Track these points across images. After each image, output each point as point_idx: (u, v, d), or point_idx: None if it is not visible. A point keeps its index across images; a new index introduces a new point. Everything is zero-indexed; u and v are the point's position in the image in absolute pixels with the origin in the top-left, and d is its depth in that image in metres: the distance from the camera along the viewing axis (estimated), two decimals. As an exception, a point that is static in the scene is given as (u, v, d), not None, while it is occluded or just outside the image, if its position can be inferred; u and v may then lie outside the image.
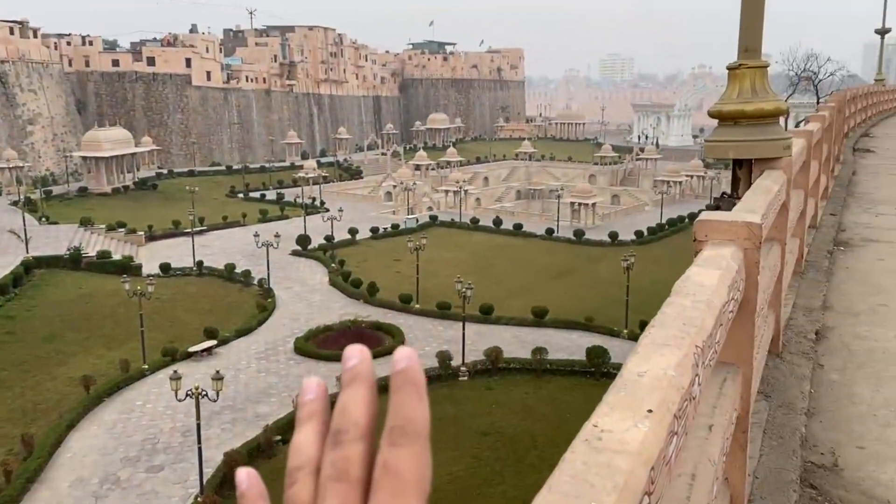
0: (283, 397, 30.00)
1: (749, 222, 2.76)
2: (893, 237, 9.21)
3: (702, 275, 2.38)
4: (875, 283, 7.26)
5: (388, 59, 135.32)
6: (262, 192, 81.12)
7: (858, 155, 17.12)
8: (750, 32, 4.99)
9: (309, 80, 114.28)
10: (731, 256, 2.66)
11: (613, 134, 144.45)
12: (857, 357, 5.47)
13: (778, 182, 4.51)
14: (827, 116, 9.72)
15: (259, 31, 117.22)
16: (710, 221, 2.81)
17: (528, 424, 27.80)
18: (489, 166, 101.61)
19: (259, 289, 44.76)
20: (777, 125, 4.92)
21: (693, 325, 1.91)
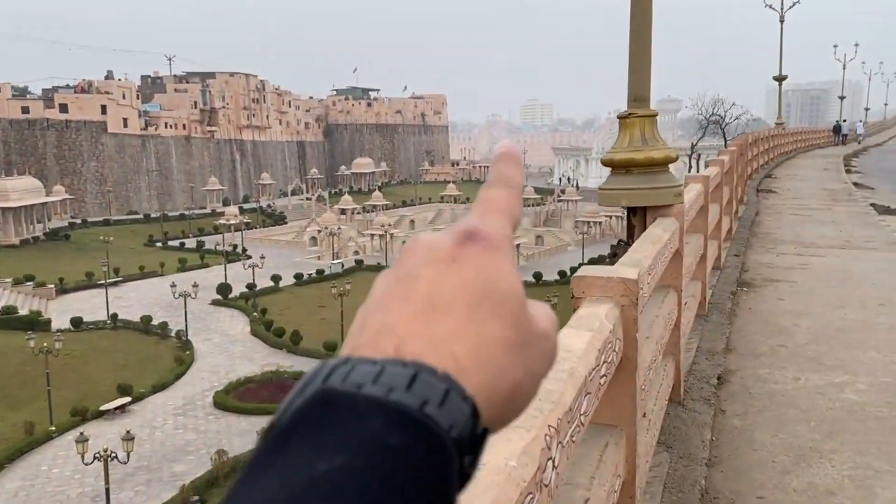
0: (200, 455, 28.69)
1: (624, 278, 2.67)
2: (793, 276, 9.48)
3: (571, 338, 2.26)
4: (776, 324, 7.39)
5: (313, 104, 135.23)
6: (182, 240, 79.02)
7: (762, 195, 17.81)
8: (638, 82, 5.04)
9: (231, 127, 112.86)
10: (605, 315, 2.55)
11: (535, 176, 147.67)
12: (758, 401, 5.48)
13: (669, 229, 4.50)
14: (726, 161, 10.03)
15: (178, 77, 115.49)
16: (585, 278, 2.70)
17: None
18: (415, 209, 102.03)
19: (177, 341, 43.16)
20: (667, 173, 4.95)
21: (549, 401, 1.76)
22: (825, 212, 15.62)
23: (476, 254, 0.43)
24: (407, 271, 0.44)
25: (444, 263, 0.43)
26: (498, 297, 0.43)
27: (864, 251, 11.29)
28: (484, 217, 0.47)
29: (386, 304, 0.43)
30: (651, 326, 3.97)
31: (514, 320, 0.43)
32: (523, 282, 0.40)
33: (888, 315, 7.69)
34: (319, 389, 0.37)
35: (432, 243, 0.45)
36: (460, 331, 0.41)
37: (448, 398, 0.38)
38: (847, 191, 19.87)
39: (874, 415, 5.16)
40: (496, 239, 0.45)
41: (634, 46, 5.07)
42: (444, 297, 0.42)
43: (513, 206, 0.49)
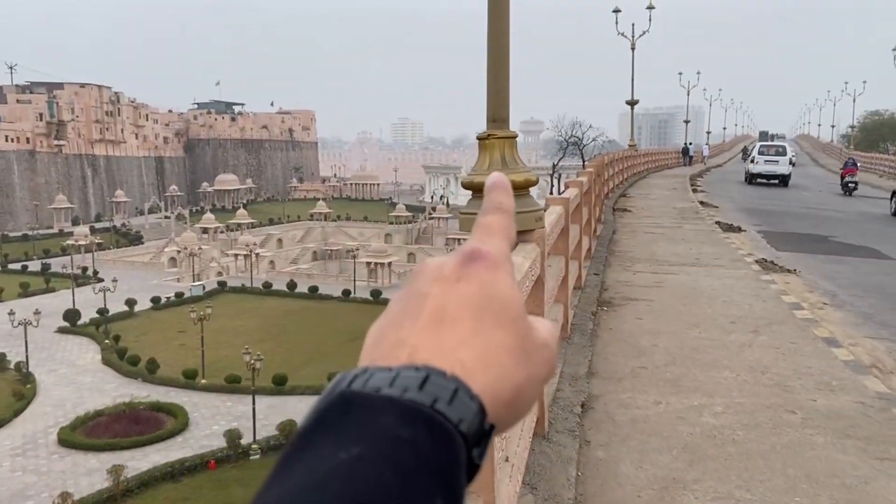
0: (42, 499, 26.13)
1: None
2: (650, 295, 9.69)
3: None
4: (635, 345, 7.44)
5: (172, 118, 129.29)
6: (25, 262, 72.76)
7: (618, 214, 18.44)
8: (497, 103, 4.83)
9: (81, 141, 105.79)
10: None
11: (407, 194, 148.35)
12: (622, 428, 5.39)
13: (530, 256, 4.29)
14: (585, 182, 10.15)
15: (21, 87, 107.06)
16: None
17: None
18: (283, 227, 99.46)
19: (16, 373, 39.39)
20: (528, 197, 4.76)
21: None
22: (676, 230, 16.35)
23: (478, 271, 0.48)
24: (416, 290, 0.49)
25: (449, 281, 0.48)
26: (500, 308, 0.47)
27: (713, 268, 11.80)
28: (483, 239, 0.52)
29: (399, 321, 0.47)
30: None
31: (515, 329, 0.47)
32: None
33: (738, 333, 7.94)
34: (339, 392, 0.42)
35: (438, 265, 0.50)
36: (466, 339, 0.45)
37: (456, 396, 0.42)
38: (694, 209, 21.02)
39: (731, 438, 5.18)
40: (496, 257, 0.50)
41: (492, 67, 4.86)
42: (450, 311, 0.46)
43: (508, 228, 0.54)
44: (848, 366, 6.91)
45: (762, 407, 5.81)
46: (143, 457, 29.44)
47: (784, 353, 7.23)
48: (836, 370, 6.77)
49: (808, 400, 5.98)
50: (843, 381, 6.46)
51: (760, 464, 4.79)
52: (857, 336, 8.23)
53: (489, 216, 0.54)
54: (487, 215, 0.55)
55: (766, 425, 5.44)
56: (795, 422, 5.51)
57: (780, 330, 8.12)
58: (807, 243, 16.34)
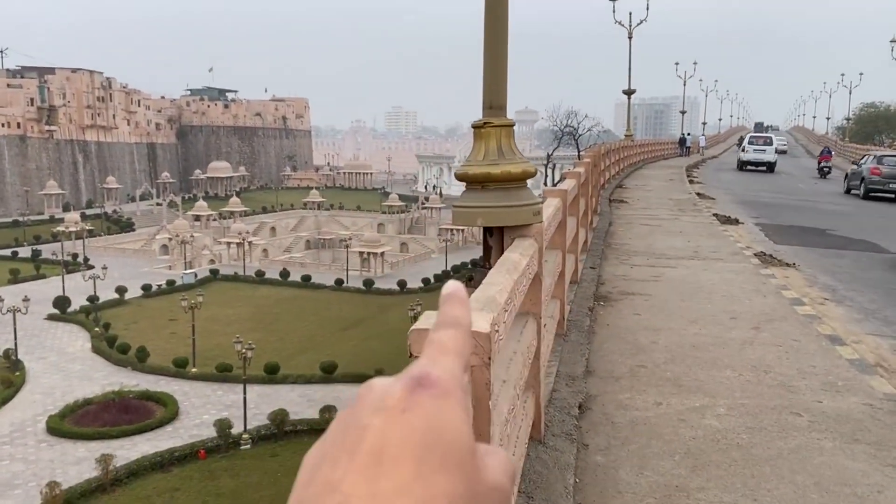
0: (29, 488, 25.87)
1: (475, 332, 2.11)
2: (648, 289, 9.47)
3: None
4: (633, 342, 7.21)
5: (164, 104, 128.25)
6: (15, 248, 72.16)
7: (614, 206, 18.21)
8: (494, 89, 4.57)
9: (73, 126, 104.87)
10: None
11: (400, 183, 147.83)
12: (621, 431, 5.16)
13: (527, 253, 4.04)
14: (582, 172, 9.90)
15: (12, 71, 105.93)
16: (424, 332, 2.11)
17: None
18: (276, 216, 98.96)
19: (5, 361, 39.02)
20: (525, 189, 4.50)
21: None
22: (674, 222, 16.13)
23: (425, 401, 0.44)
24: (357, 420, 0.44)
25: (393, 413, 0.43)
26: (446, 447, 0.42)
27: (712, 262, 11.59)
28: (434, 360, 0.47)
29: (334, 457, 0.43)
30: (508, 367, 3.47)
31: (462, 473, 0.42)
32: (388, 290, 0.45)
33: (740, 329, 7.73)
34: None
35: (383, 389, 0.45)
36: (405, 487, 0.40)
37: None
38: (692, 201, 20.81)
39: (736, 443, 4.96)
40: (446, 384, 0.45)
41: (489, 50, 4.59)
42: (390, 450, 0.42)
43: (463, 346, 0.49)
44: (853, 365, 6.70)
45: (766, 408, 5.59)
46: (133, 446, 29.19)
47: (787, 352, 7.01)
48: (841, 369, 6.56)
49: (813, 401, 5.77)
50: (849, 382, 6.25)
51: (767, 470, 4.57)
52: (860, 333, 8.02)
53: (443, 332, 0.50)
54: (441, 331, 0.50)
55: (772, 428, 5.23)
56: (802, 425, 5.30)
57: (781, 326, 7.91)
58: (805, 236, 16.16)
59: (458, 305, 0.52)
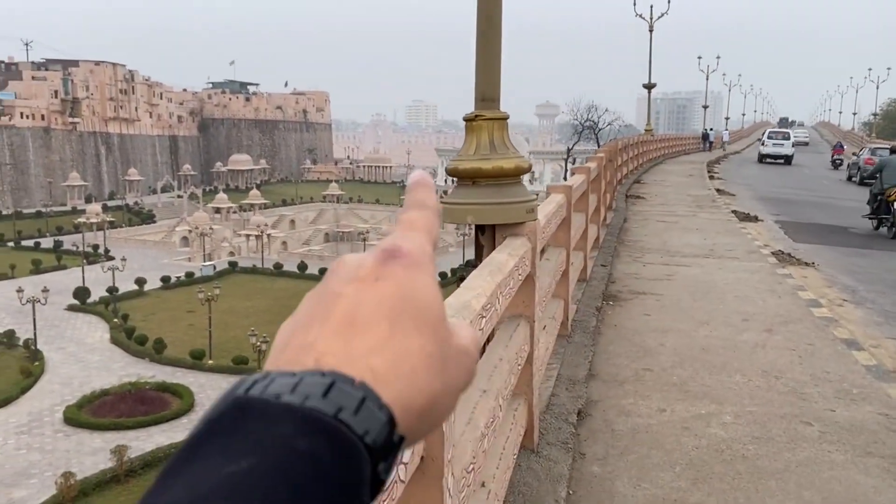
0: (45, 477, 26.07)
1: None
2: (659, 289, 9.19)
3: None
4: (641, 344, 6.96)
5: (186, 97, 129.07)
6: (38, 239, 72.99)
7: (630, 201, 17.87)
8: (486, 81, 4.34)
9: (96, 118, 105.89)
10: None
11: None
12: (621, 440, 4.93)
13: (517, 253, 3.82)
14: (593, 168, 9.64)
15: (37, 64, 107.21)
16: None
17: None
18: (296, 209, 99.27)
19: (25, 351, 39.45)
20: (519, 185, 4.27)
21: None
22: (691, 218, 15.79)
23: (397, 271, 0.45)
24: (330, 290, 0.45)
25: (366, 281, 0.44)
26: (418, 311, 0.44)
27: (727, 260, 11.27)
28: (404, 236, 0.48)
29: (308, 323, 0.43)
30: (491, 376, 3.25)
31: (433, 334, 0.44)
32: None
33: (751, 332, 7.44)
34: (234, 398, 0.38)
35: (355, 262, 0.46)
36: (379, 344, 0.42)
37: (363, 406, 0.39)
38: (710, 197, 20.40)
39: (741, 454, 4.71)
40: (416, 255, 0.46)
41: (482, 41, 4.37)
42: (364, 314, 0.43)
43: (430, 224, 0.51)
44: (870, 371, 6.40)
45: (776, 417, 5.33)
46: (148, 437, 29.35)
47: (800, 356, 6.73)
48: (857, 376, 6.27)
49: (825, 410, 5.49)
50: (865, 389, 5.96)
51: (773, 485, 4.32)
52: (880, 337, 7.70)
53: (410, 212, 0.51)
54: (409, 211, 0.52)
55: (780, 439, 4.97)
56: (812, 435, 5.03)
57: (795, 329, 7.61)
58: (826, 234, 15.74)
59: (424, 190, 0.53)
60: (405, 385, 0.41)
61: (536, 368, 4.52)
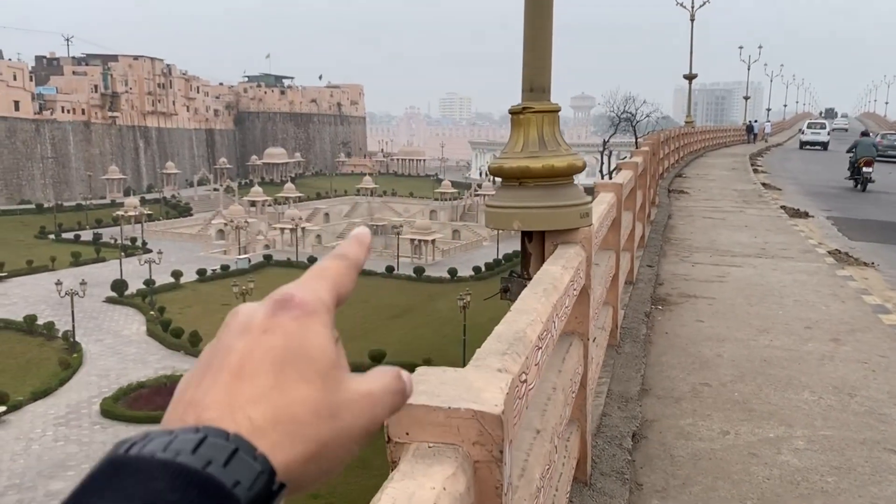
0: (82, 470, 26.15)
1: (478, 412, 1.45)
2: (712, 291, 8.63)
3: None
4: (696, 354, 6.43)
5: (223, 91, 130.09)
6: (77, 232, 74.15)
7: (674, 197, 17.22)
8: (536, 68, 3.86)
9: (134, 112, 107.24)
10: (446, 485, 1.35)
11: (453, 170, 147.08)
12: (682, 467, 4.44)
13: (572, 264, 3.35)
14: (640, 162, 9.10)
15: (77, 59, 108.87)
16: (415, 409, 1.47)
17: (364, 481, 25.91)
18: (330, 202, 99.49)
19: (64, 343, 39.97)
20: (572, 186, 3.79)
21: None
22: (738, 214, 15.09)
23: (285, 322, 0.46)
24: (223, 344, 0.46)
25: (255, 333, 0.46)
26: (305, 361, 0.45)
27: (781, 260, 10.63)
28: (304, 284, 0.49)
29: (200, 379, 0.45)
30: (545, 411, 2.80)
31: (322, 382, 0.45)
32: (438, 278, 0.48)
33: (817, 341, 6.86)
34: (110, 458, 0.39)
35: (248, 314, 0.47)
36: (260, 395, 0.43)
37: (234, 457, 0.40)
38: (757, 192, 19.61)
39: (820, 487, 4.19)
40: (310, 305, 0.47)
41: (530, 24, 3.88)
42: (250, 366, 0.44)
43: (340, 275, 0.51)
44: (954, 389, 5.79)
45: (854, 443, 4.79)
46: (182, 431, 29.44)
47: (874, 370, 6.14)
48: (941, 394, 5.67)
49: (910, 435, 4.93)
50: (952, 410, 5.37)
51: (860, 527, 3.80)
52: (958, 348, 7.05)
53: (325, 260, 0.52)
54: (325, 260, 0.52)
55: (862, 469, 4.43)
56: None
57: (865, 339, 7.01)
58: (883, 231, 14.94)
59: (355, 245, 0.54)
60: (284, 434, 0.43)
61: (590, 391, 4.05)
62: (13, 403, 31.66)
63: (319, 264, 0.51)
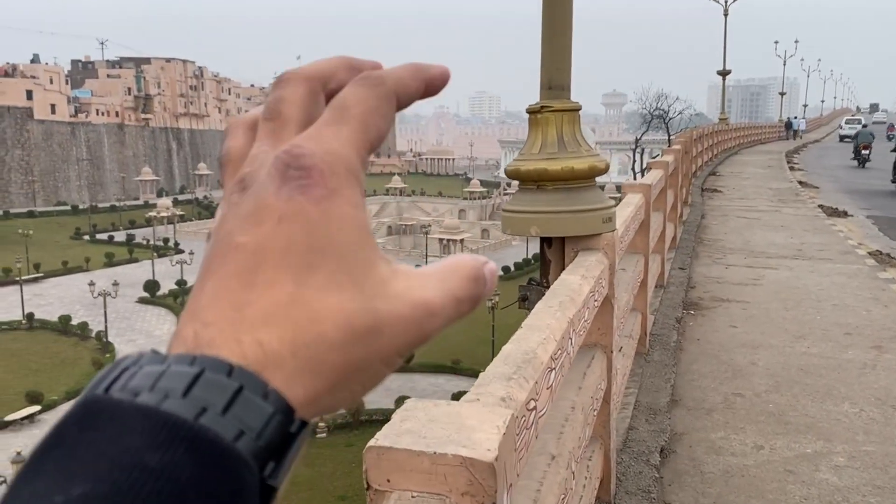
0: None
1: (468, 459, 1.26)
2: (746, 295, 8.31)
3: None
4: (729, 362, 6.15)
5: (253, 92, 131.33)
6: (112, 233, 75.33)
7: (707, 195, 16.81)
8: (555, 65, 3.64)
9: (167, 114, 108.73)
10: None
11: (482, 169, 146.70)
12: (712, 485, 4.19)
13: (592, 274, 3.14)
14: (671, 161, 8.81)
15: (111, 62, 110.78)
16: (396, 453, 1.28)
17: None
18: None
19: (97, 343, 40.56)
20: (594, 189, 3.57)
21: None
22: (773, 214, 14.67)
23: (305, 206, 0.34)
24: (227, 237, 0.35)
25: (269, 223, 0.34)
26: (334, 258, 0.34)
27: (819, 262, 10.24)
28: (318, 133, 0.36)
29: (202, 280, 0.35)
30: (561, 434, 2.59)
31: (357, 287, 0.34)
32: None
33: (857, 348, 6.53)
34: (89, 397, 0.30)
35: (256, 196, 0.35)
36: (277, 309, 0.33)
37: (238, 399, 0.30)
38: (793, 190, 19.09)
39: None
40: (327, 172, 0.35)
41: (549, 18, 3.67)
42: (263, 269, 0.34)
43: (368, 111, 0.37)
44: None
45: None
46: (212, 430, 29.62)
47: (919, 380, 5.81)
48: None
49: (961, 452, 4.62)
50: None
51: (907, 554, 3.53)
52: None
53: (348, 89, 0.38)
54: (351, 86, 0.38)
55: (909, 490, 4.14)
56: (949, 486, 4.19)
57: (909, 346, 6.66)
58: (926, 231, 14.39)
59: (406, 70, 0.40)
60: (306, 360, 0.33)
61: (614, 406, 3.83)
62: (48, 402, 32.16)
63: (342, 93, 0.38)
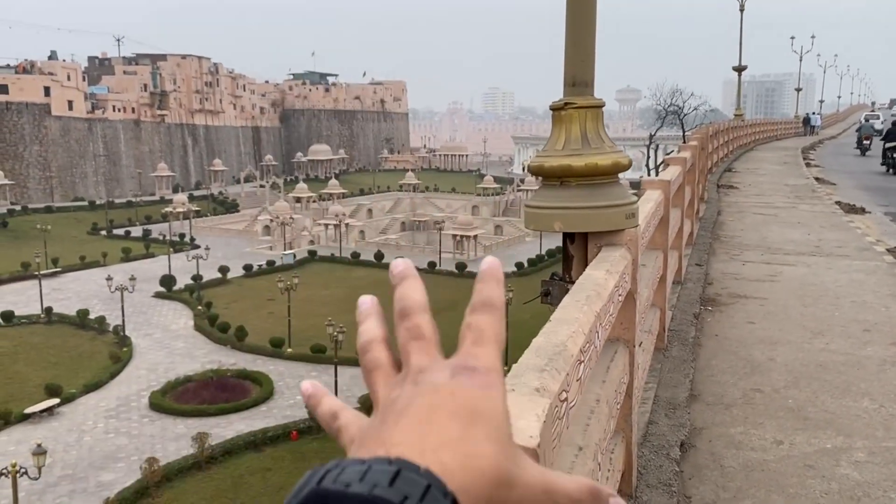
0: (132, 462, 26.85)
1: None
2: (763, 291, 8.31)
3: None
4: (747, 358, 6.17)
5: (268, 89, 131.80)
6: (128, 228, 75.94)
7: (723, 192, 16.76)
8: (579, 61, 3.68)
9: (182, 111, 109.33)
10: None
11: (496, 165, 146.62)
12: (733, 479, 4.23)
13: (617, 269, 3.18)
14: (688, 157, 8.81)
15: (127, 59, 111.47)
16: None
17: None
18: (373, 198, 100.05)
19: (114, 337, 40.94)
20: (617, 185, 3.61)
21: None
22: (790, 210, 14.61)
23: (472, 388, 0.47)
24: (402, 401, 0.47)
25: (443, 393, 0.47)
26: (492, 423, 0.45)
27: (837, 258, 10.21)
28: (473, 352, 0.50)
29: (383, 420, 0.47)
30: (588, 426, 2.64)
31: (506, 449, 0.45)
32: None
33: (876, 345, 6.53)
34: (312, 490, 0.39)
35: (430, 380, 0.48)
36: (451, 442, 0.43)
37: (429, 493, 0.39)
38: (810, 187, 18.99)
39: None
40: (489, 376, 0.48)
41: (573, 14, 3.71)
42: (439, 415, 0.45)
43: (498, 332, 0.51)
44: None
45: (920, 456, 4.50)
46: (228, 424, 29.89)
47: (939, 377, 5.80)
48: None
49: (981, 448, 4.62)
50: None
51: (928, 549, 3.55)
52: None
53: (479, 317, 0.51)
54: (476, 314, 0.52)
55: (929, 485, 4.16)
56: (969, 482, 4.20)
57: (928, 343, 6.64)
58: (945, 228, 14.28)
59: (492, 284, 0.52)
60: (473, 479, 0.42)
61: (636, 399, 3.87)
62: (67, 396, 32.53)
63: (476, 321, 0.50)
